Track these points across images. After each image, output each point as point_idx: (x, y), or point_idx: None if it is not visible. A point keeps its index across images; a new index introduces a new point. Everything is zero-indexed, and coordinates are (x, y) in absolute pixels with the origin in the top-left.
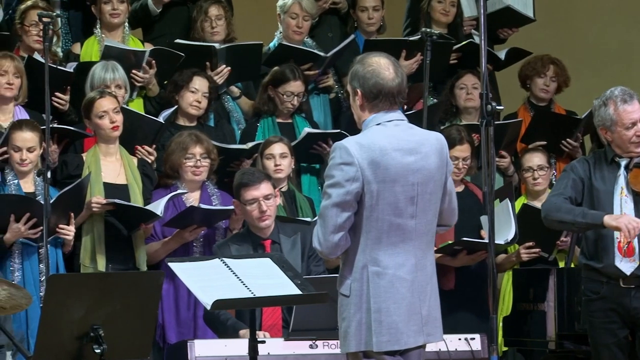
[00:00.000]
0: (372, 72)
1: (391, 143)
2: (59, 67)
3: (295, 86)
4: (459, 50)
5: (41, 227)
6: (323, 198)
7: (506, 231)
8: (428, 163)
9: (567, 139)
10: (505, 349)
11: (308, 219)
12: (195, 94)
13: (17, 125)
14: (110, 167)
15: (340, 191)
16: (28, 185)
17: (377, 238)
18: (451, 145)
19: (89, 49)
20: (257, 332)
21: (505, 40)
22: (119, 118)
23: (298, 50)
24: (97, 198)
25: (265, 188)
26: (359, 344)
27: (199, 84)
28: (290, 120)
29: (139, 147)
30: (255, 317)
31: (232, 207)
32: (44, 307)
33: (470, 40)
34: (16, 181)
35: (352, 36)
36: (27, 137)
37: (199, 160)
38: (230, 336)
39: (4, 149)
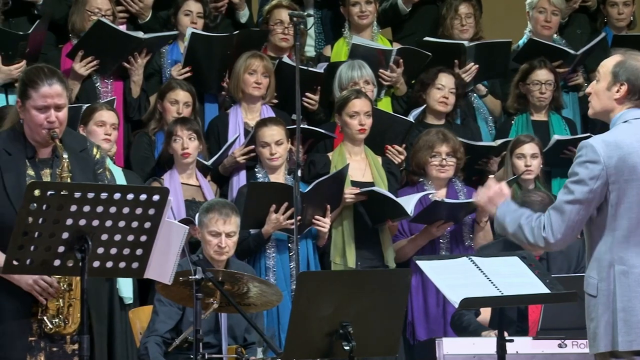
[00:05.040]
0: None
1: (638, 141)
2: (309, 69)
3: (542, 74)
4: None
5: (298, 217)
6: (563, 191)
7: None
8: None
9: None
10: None
11: None
12: (442, 91)
13: (262, 122)
14: (356, 165)
15: (583, 189)
16: (279, 181)
17: (624, 237)
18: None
19: (339, 51)
20: None
21: None
22: (368, 122)
23: (547, 46)
24: (350, 189)
25: None
26: (607, 344)
27: (445, 80)
28: (545, 119)
29: (389, 147)
30: (505, 316)
31: None
32: (294, 305)
33: None
34: (267, 178)
35: (603, 34)
36: (273, 132)
37: (444, 159)
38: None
39: (251, 147)
